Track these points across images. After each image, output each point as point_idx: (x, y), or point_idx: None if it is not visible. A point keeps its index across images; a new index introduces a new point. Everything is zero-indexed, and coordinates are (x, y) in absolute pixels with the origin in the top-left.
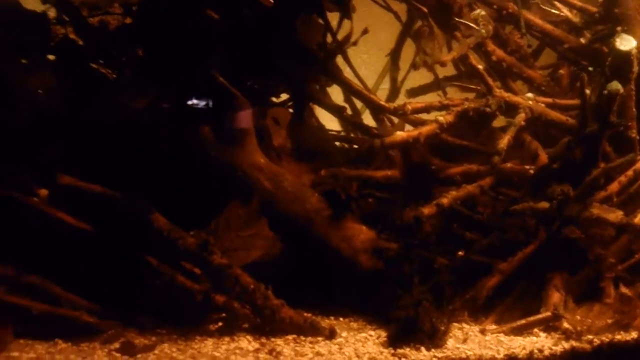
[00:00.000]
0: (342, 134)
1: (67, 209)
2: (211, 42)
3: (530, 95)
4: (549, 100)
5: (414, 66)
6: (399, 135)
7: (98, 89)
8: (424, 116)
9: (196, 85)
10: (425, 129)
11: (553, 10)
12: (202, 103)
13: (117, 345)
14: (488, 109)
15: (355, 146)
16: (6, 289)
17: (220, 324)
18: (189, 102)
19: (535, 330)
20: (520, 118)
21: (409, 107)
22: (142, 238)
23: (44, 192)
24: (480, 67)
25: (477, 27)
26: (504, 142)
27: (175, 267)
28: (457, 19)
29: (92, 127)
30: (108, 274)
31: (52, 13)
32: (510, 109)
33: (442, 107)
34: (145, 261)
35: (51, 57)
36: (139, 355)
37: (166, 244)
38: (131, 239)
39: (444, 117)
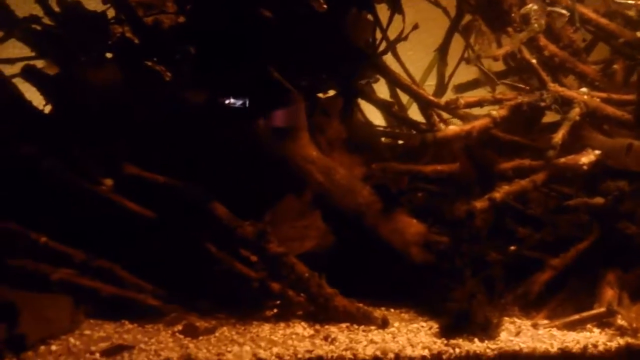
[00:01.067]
0: (388, 129)
1: (132, 198)
2: (266, 39)
3: (584, 89)
4: (604, 95)
5: (466, 60)
6: (452, 129)
7: (155, 84)
8: (472, 111)
9: (251, 81)
10: (478, 124)
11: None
12: (257, 98)
13: (180, 327)
14: (543, 104)
15: (401, 142)
16: (77, 272)
17: (275, 310)
18: (245, 97)
19: (589, 326)
20: (575, 113)
21: (462, 101)
22: (202, 226)
23: (109, 181)
24: (534, 61)
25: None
26: (558, 136)
27: (232, 255)
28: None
29: (154, 121)
30: (170, 260)
31: (110, 13)
32: (564, 104)
33: (495, 102)
34: (205, 248)
35: (109, 54)
36: (200, 337)
37: (225, 232)
38: (192, 227)
39: (497, 112)
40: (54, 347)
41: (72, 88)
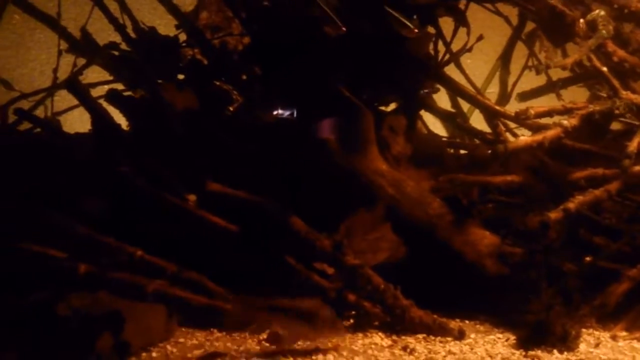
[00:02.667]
0: (451, 140)
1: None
2: (335, 57)
3: None
4: None
5: (536, 71)
6: (523, 140)
7: (226, 103)
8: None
9: (321, 98)
10: (549, 133)
11: None
12: (327, 114)
13: (264, 335)
14: (617, 111)
15: (463, 151)
16: (169, 283)
17: (351, 321)
18: (315, 114)
19: None
20: None
21: (532, 111)
22: (280, 239)
23: (192, 197)
24: (604, 69)
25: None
26: (633, 145)
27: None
28: None
29: (228, 140)
30: (252, 271)
31: (182, 37)
32: (638, 111)
33: (565, 111)
34: (284, 260)
35: (181, 76)
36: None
37: (302, 245)
38: (271, 240)
39: (568, 121)
40: (154, 354)
41: (157, 110)
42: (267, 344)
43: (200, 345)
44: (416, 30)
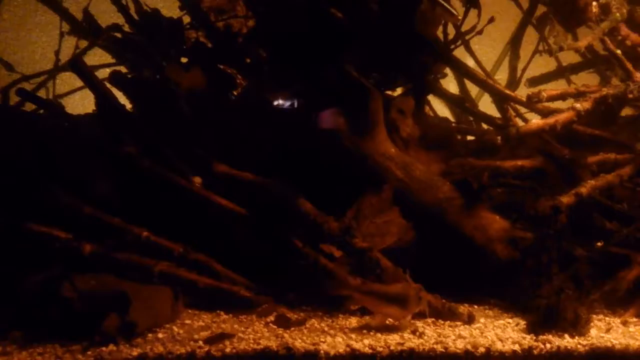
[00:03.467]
0: (459, 125)
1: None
2: (344, 38)
3: None
4: None
5: (549, 52)
6: (535, 123)
7: (230, 87)
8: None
9: (329, 80)
10: (562, 117)
11: None
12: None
13: (271, 318)
14: (630, 95)
15: (471, 137)
16: (176, 265)
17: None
18: (324, 97)
19: None
20: None
21: (544, 94)
22: (288, 222)
23: (198, 179)
24: (618, 52)
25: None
26: None
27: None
28: None
29: (237, 122)
30: (259, 255)
31: (186, 19)
32: None
33: (578, 94)
34: (291, 243)
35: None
36: (292, 328)
37: (310, 228)
38: (279, 222)
39: (580, 104)
40: (160, 335)
41: (162, 91)
42: (275, 326)
43: (206, 327)
44: (459, 17)
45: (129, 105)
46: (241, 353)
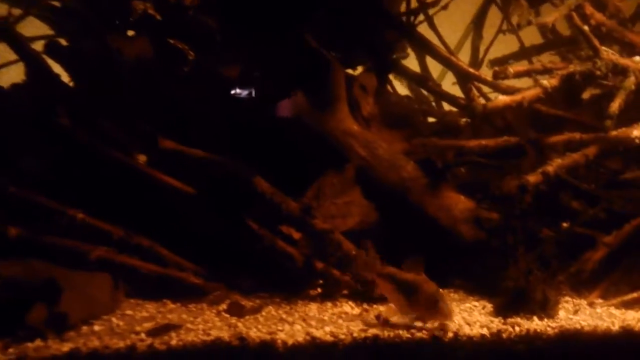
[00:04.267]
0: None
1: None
2: (304, 5)
3: (638, 58)
4: None
5: (518, 26)
6: (502, 99)
7: (181, 61)
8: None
9: (287, 51)
10: (529, 93)
11: None
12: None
13: (224, 306)
14: (598, 72)
15: (432, 119)
16: (116, 250)
17: (319, 290)
18: (280, 69)
19: None
20: (631, 82)
21: (511, 70)
22: (243, 203)
23: (142, 157)
24: (585, 27)
25: None
26: (614, 106)
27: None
28: None
29: (187, 96)
30: (211, 238)
31: None
32: (617, 73)
33: (545, 71)
34: (246, 225)
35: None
36: (247, 317)
37: (268, 208)
38: (232, 203)
39: (547, 81)
40: (96, 327)
41: (103, 61)
42: (228, 315)
43: (151, 318)
44: None
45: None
46: (189, 345)
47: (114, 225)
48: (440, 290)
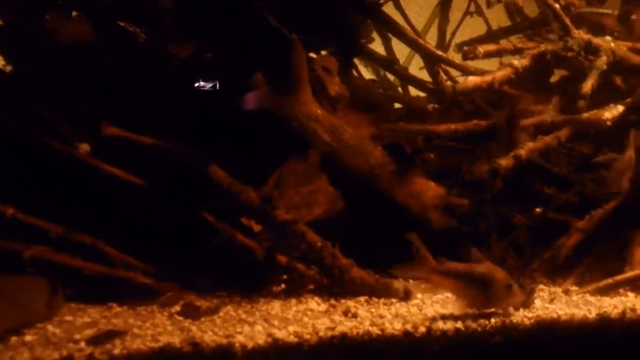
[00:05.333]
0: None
1: (117, 163)
2: None
3: (608, 38)
4: (628, 44)
5: (488, 4)
6: (472, 80)
7: (132, 39)
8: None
9: (245, 30)
10: (499, 74)
11: None
12: (252, 48)
13: (177, 308)
14: (570, 52)
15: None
16: (54, 250)
17: (283, 285)
18: (238, 49)
19: (622, 290)
20: (602, 61)
21: (481, 50)
22: (198, 194)
23: (85, 146)
24: (557, 6)
25: None
26: (587, 86)
27: (233, 226)
28: None
29: (136, 80)
30: (163, 233)
31: None
32: (589, 53)
33: (516, 51)
34: (202, 218)
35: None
36: (203, 319)
37: (225, 199)
38: (186, 194)
39: (518, 61)
40: (28, 338)
41: (37, 44)
42: (181, 318)
43: (93, 324)
44: None
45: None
46: (134, 354)
47: (52, 222)
48: (411, 281)
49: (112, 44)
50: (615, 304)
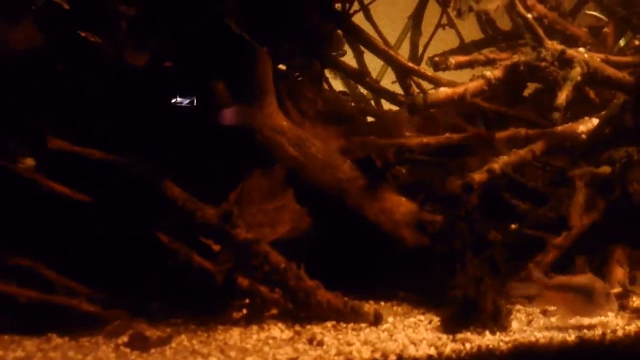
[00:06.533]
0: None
1: (63, 179)
2: None
3: (582, 49)
4: (602, 56)
5: (459, 14)
6: (444, 92)
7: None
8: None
9: (206, 37)
10: (472, 85)
11: None
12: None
13: (125, 339)
14: (543, 63)
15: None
16: None
17: (244, 311)
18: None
19: None
20: (577, 73)
21: (452, 61)
22: (152, 212)
23: (29, 161)
24: (529, 16)
25: None
26: (562, 98)
27: (190, 247)
28: None
29: (89, 90)
30: (111, 255)
31: None
32: (563, 64)
33: (488, 62)
34: (155, 239)
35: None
36: (152, 350)
37: (181, 217)
38: (138, 212)
39: (491, 72)
40: None
41: None
42: (128, 350)
43: (27, 358)
44: None
45: None
46: None
47: None
48: (382, 303)
49: (65, 50)
50: (596, 326)
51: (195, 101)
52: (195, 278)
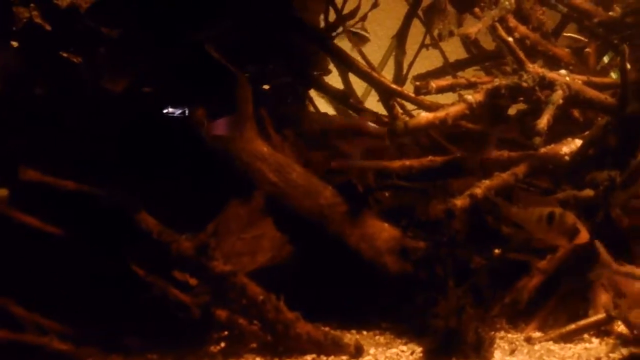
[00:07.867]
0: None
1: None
2: (204, 10)
3: (563, 72)
4: (584, 77)
5: (439, 37)
6: (424, 116)
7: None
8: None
9: (185, 62)
10: (453, 109)
11: None
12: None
13: None
14: (525, 84)
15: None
16: None
17: (222, 344)
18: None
19: (586, 335)
20: (558, 96)
21: (433, 85)
22: (126, 244)
23: (2, 191)
24: (510, 39)
25: None
26: (543, 122)
27: (166, 279)
28: None
29: (64, 116)
30: (84, 289)
31: None
32: (544, 87)
33: (469, 85)
34: (130, 271)
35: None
36: None
37: (156, 249)
38: (113, 245)
39: (472, 96)
40: None
41: None
42: None
43: None
44: None
45: None
46: None
47: None
48: (364, 332)
49: (45, 73)
50: (580, 353)
51: (174, 126)
52: (172, 311)
